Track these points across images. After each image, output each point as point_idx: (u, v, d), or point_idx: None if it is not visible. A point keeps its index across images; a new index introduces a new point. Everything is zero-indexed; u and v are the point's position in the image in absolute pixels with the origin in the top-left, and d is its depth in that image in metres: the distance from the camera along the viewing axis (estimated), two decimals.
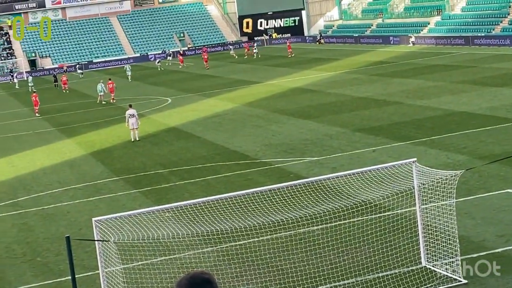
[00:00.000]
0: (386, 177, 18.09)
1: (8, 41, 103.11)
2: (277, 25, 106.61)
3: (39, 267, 20.22)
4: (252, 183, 26.08)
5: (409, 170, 17.33)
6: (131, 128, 37.68)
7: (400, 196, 18.14)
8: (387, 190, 17.85)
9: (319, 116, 39.47)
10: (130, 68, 76.92)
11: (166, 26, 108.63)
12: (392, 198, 18.22)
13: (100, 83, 56.73)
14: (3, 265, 20.73)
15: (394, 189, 17.71)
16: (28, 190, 29.56)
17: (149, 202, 25.42)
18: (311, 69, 64.11)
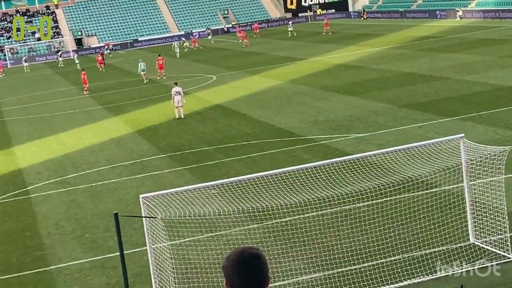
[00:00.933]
0: (433, 153, 17.92)
1: (54, 20, 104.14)
2: (321, 1, 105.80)
3: (88, 244, 20.52)
4: (297, 160, 26.07)
5: (456, 146, 17.14)
6: (176, 106, 37.87)
7: (448, 173, 17.97)
8: (434, 166, 17.68)
9: (364, 92, 39.20)
10: (178, 45, 77.37)
11: (210, 4, 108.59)
12: (439, 174, 18.05)
13: (140, 62, 57.05)
14: (53, 242, 21.08)
15: (441, 165, 17.54)
16: (76, 167, 29.96)
17: (195, 179, 25.58)
18: (356, 45, 63.60)
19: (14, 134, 40.09)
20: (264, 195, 18.58)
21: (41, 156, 33.09)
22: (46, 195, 26.21)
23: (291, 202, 17.98)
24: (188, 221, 18.05)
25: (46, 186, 27.43)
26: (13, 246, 21.22)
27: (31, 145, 36.12)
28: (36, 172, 29.97)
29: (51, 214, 23.71)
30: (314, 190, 18.25)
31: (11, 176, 29.90)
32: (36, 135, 38.91)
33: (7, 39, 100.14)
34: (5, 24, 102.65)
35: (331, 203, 18.69)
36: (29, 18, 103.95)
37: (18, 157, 33.76)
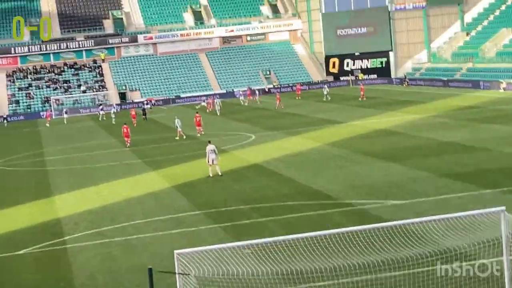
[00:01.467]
0: (472, 225, 17.70)
1: (100, 73, 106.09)
2: (364, 66, 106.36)
3: None
4: (333, 224, 25.93)
5: (496, 219, 16.91)
6: (210, 164, 38.03)
7: (487, 246, 17.71)
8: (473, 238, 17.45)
9: (403, 159, 39.02)
10: (219, 102, 78.13)
11: (252, 64, 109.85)
12: (478, 247, 17.80)
13: (176, 119, 57.74)
14: None
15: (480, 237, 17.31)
16: (113, 219, 30.15)
17: (229, 237, 25.54)
18: (397, 111, 63.57)
19: (54, 184, 40.58)
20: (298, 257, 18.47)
21: (79, 207, 33.40)
22: (82, 246, 26.36)
23: (325, 267, 17.83)
24: (221, 280, 17.97)
25: (82, 237, 27.60)
26: None
27: (70, 195, 36.51)
28: (74, 223, 30.22)
29: (85, 266, 23.81)
30: (349, 256, 18.10)
31: (49, 225, 30.18)
32: (76, 185, 39.33)
33: (53, 90, 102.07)
34: (52, 76, 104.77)
35: (366, 270, 18.48)
36: (76, 71, 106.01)
37: (57, 206, 34.12)
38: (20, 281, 22.82)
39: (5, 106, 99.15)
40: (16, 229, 30.01)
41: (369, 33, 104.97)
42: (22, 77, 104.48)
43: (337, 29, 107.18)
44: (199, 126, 57.54)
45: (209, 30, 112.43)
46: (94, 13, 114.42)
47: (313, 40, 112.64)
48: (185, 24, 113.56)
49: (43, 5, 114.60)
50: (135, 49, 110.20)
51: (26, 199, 36.46)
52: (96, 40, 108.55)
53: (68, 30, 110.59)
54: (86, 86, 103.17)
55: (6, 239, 28.46)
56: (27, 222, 31.09)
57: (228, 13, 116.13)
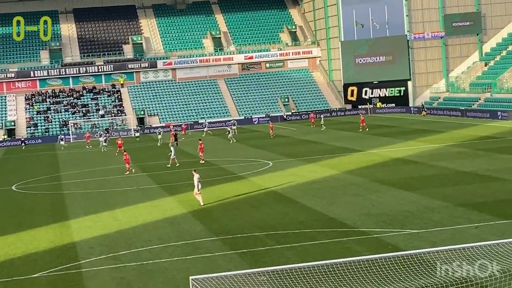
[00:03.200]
0: (488, 255, 17.61)
1: (119, 98, 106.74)
2: (382, 95, 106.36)
3: None
4: (349, 252, 25.86)
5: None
6: (200, 193, 37.99)
7: (504, 276, 17.59)
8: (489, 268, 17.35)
9: (420, 188, 38.91)
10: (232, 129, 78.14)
11: (271, 91, 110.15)
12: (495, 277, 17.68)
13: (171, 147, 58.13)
14: None
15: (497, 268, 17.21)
16: (128, 244, 30.20)
17: (244, 264, 25.52)
18: (414, 140, 63.47)
19: (71, 207, 40.74)
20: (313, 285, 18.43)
21: (95, 231, 33.50)
22: (97, 270, 26.41)
23: None
24: None
25: (97, 262, 27.66)
26: None
27: (86, 220, 36.62)
28: (89, 247, 30.30)
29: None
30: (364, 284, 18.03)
31: (65, 249, 30.27)
32: (92, 209, 39.46)
33: (72, 114, 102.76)
34: (70, 100, 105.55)
35: None
36: (95, 95, 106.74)
37: (72, 230, 34.23)
38: None
39: (23, 129, 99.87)
40: (31, 252, 30.12)
41: (387, 61, 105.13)
42: (41, 100, 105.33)
43: (355, 57, 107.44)
44: (201, 152, 57.73)
45: (229, 57, 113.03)
46: (114, 38, 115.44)
47: (332, 68, 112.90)
48: (205, 50, 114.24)
49: (63, 29, 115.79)
50: (154, 74, 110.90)
51: (42, 223, 36.61)
52: (116, 64, 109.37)
53: (88, 54, 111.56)
54: (104, 111, 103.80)
55: (21, 262, 28.57)
56: (43, 246, 31.19)
57: (247, 40, 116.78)
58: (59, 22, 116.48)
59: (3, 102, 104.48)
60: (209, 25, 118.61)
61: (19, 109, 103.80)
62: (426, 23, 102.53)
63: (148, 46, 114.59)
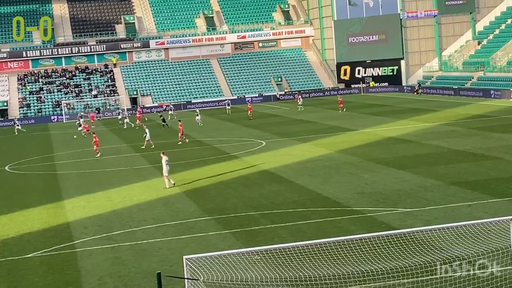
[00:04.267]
0: (481, 233, 17.69)
1: (112, 78, 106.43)
2: (375, 74, 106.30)
3: None
4: (343, 231, 25.95)
5: (506, 228, 16.90)
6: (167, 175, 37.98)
7: (496, 254, 17.67)
8: (482, 246, 17.43)
9: (414, 167, 38.99)
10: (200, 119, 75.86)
11: (264, 70, 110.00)
12: (487, 255, 17.77)
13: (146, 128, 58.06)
14: None
15: (489, 246, 17.28)
16: (123, 224, 30.24)
17: (238, 243, 25.59)
18: (408, 119, 63.53)
19: (64, 188, 40.72)
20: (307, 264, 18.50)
21: (89, 211, 33.51)
22: (91, 250, 26.45)
23: (334, 273, 17.85)
24: (229, 285, 18.01)
25: (91, 241, 27.70)
26: None
27: (80, 200, 36.62)
28: (83, 227, 30.33)
29: (94, 270, 23.88)
30: (358, 263, 18.11)
31: (59, 230, 30.29)
32: (86, 190, 39.46)
33: (65, 94, 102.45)
34: (63, 80, 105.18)
35: (375, 277, 18.48)
36: (87, 76, 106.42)
37: (66, 210, 34.24)
38: (29, 284, 22.92)
39: (16, 109, 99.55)
40: (25, 233, 30.14)
41: (380, 40, 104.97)
42: (34, 80, 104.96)
43: (349, 36, 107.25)
44: (181, 133, 57.65)
45: (221, 36, 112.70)
46: (106, 18, 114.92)
47: (325, 47, 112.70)
48: (197, 30, 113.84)
49: (55, 9, 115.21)
50: (147, 54, 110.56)
51: (36, 203, 36.60)
52: (108, 44, 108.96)
53: (80, 34, 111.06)
54: (97, 91, 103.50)
55: (15, 243, 28.58)
56: (37, 226, 31.21)
57: (240, 19, 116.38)
58: (51, 2, 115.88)
59: None
60: (202, 4, 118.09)
61: (12, 89, 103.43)
62: (419, 2, 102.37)
63: (140, 26, 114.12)
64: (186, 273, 15.79)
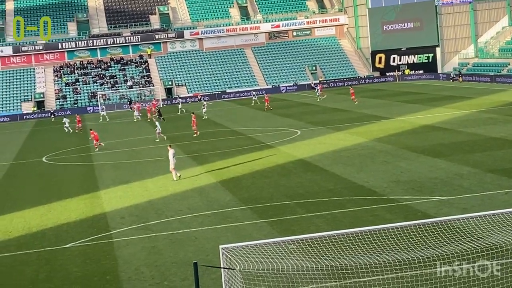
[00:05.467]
0: None
1: (146, 69, 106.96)
2: (410, 61, 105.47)
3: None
4: (379, 220, 25.86)
5: None
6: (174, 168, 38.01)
7: None
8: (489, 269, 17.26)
9: (450, 155, 38.68)
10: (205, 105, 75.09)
11: (298, 59, 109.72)
12: None
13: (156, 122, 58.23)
14: (133, 287, 21.37)
15: None
16: (159, 214, 30.44)
17: (274, 232, 25.62)
18: (443, 107, 62.99)
19: (101, 179, 41.09)
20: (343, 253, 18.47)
21: (125, 201, 33.78)
22: (128, 240, 26.68)
23: (370, 262, 17.80)
24: (266, 275, 18.06)
25: (128, 231, 27.93)
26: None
27: (116, 190, 36.93)
28: (120, 217, 30.59)
29: (131, 260, 24.09)
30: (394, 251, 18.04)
31: (96, 220, 30.59)
32: (122, 180, 39.77)
33: (100, 85, 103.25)
34: (98, 71, 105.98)
35: (411, 265, 18.40)
36: (122, 66, 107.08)
37: (103, 201, 34.55)
38: (67, 274, 23.19)
39: (53, 101, 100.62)
40: (63, 223, 30.49)
41: (415, 28, 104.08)
42: (69, 72, 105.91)
43: (383, 24, 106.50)
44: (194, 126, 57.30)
45: (255, 26, 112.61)
46: (141, 9, 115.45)
47: (359, 35, 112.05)
48: (231, 20, 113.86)
49: (90, 1, 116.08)
50: (181, 45, 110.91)
51: (73, 194, 37.00)
52: (143, 35, 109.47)
53: (115, 25, 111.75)
54: (132, 81, 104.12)
55: (53, 233, 28.93)
56: (74, 216, 31.55)
57: (274, 9, 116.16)
58: None
59: (32, 75, 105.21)
60: None
61: (48, 81, 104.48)
62: None
63: (174, 16, 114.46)
64: (222, 262, 15.85)
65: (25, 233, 29.21)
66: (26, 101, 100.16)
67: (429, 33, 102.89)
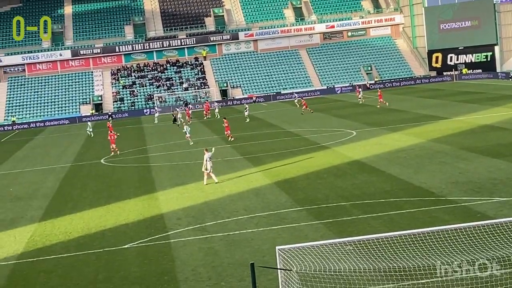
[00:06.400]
0: None
1: (202, 71, 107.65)
2: (468, 60, 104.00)
3: None
4: (437, 221, 25.54)
5: None
6: (206, 172, 37.89)
7: None
8: None
9: (509, 155, 38.00)
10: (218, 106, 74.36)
11: (353, 59, 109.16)
12: None
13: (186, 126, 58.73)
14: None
15: None
16: (215, 215, 30.59)
17: (330, 234, 25.52)
18: (503, 106, 61.93)
19: (158, 180, 41.47)
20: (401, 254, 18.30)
21: (182, 203, 34.04)
22: (185, 241, 26.87)
23: (429, 264, 17.60)
24: (322, 276, 18.00)
25: (185, 232, 28.13)
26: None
27: (173, 191, 37.23)
28: (177, 218, 30.83)
29: (189, 260, 24.25)
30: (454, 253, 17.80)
31: (153, 220, 30.89)
32: (179, 181, 40.09)
33: (156, 88, 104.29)
34: (155, 74, 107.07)
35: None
36: (178, 69, 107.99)
37: (160, 202, 34.87)
38: (126, 274, 23.46)
39: (110, 103, 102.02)
40: (121, 224, 30.86)
41: (473, 26, 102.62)
42: (126, 75, 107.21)
43: (440, 23, 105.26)
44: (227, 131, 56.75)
45: (310, 26, 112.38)
46: (196, 11, 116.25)
47: (416, 35, 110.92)
48: (286, 21, 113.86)
49: (146, 4, 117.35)
50: (236, 46, 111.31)
51: (131, 195, 37.43)
52: (198, 37, 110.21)
53: (171, 28, 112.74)
54: (188, 84, 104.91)
55: (112, 233, 29.30)
56: (132, 217, 31.91)
57: (328, 9, 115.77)
58: None
59: (90, 78, 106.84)
60: None
61: (106, 83, 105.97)
62: None
63: (229, 18, 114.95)
64: (279, 263, 15.86)
65: (85, 234, 29.65)
66: (84, 103, 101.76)
67: (487, 31, 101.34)
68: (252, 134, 59.75)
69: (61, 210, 35.05)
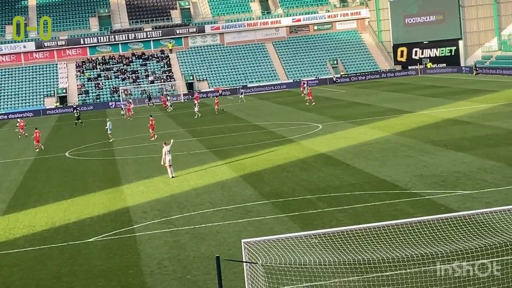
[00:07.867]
0: None
1: (168, 64, 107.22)
2: (433, 55, 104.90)
3: (188, 285, 20.76)
4: (401, 214, 25.75)
5: None
6: (168, 165, 37.98)
7: None
8: None
9: (473, 149, 38.44)
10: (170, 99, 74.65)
11: (319, 53, 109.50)
12: None
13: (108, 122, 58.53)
14: (155, 281, 21.45)
15: None
16: (181, 208, 30.52)
17: (296, 227, 25.61)
18: (466, 100, 62.59)
19: (123, 173, 41.27)
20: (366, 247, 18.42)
21: (147, 196, 33.91)
22: (150, 234, 26.78)
23: (392, 256, 17.74)
24: (288, 269, 18.05)
25: (151, 226, 28.04)
26: (116, 282, 21.71)
27: (138, 185, 37.07)
28: (142, 211, 30.71)
29: (154, 254, 24.18)
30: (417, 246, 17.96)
31: (118, 214, 30.74)
32: (144, 175, 39.93)
33: (122, 80, 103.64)
34: (120, 66, 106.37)
35: (434, 260, 18.32)
36: (144, 62, 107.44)
37: (126, 195, 34.70)
38: (91, 268, 23.32)
39: (75, 96, 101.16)
40: (86, 217, 30.66)
41: (438, 21, 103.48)
42: (91, 67, 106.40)
43: (405, 17, 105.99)
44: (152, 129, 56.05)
45: (276, 20, 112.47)
46: (162, 4, 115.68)
47: (381, 29, 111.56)
48: (252, 14, 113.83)
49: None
50: (202, 39, 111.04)
51: (96, 188, 37.20)
52: (164, 30, 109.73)
53: (136, 20, 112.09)
54: (154, 77, 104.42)
55: (76, 227, 29.10)
56: (97, 211, 31.72)
57: (295, 3, 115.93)
58: None
59: (55, 70, 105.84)
60: None
61: (70, 76, 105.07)
62: None
63: (195, 11, 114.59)
64: (244, 256, 15.86)
65: (49, 228, 29.41)
66: (49, 96, 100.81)
67: (451, 26, 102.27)
68: (218, 127, 59.68)
69: (24, 204, 34.72)
